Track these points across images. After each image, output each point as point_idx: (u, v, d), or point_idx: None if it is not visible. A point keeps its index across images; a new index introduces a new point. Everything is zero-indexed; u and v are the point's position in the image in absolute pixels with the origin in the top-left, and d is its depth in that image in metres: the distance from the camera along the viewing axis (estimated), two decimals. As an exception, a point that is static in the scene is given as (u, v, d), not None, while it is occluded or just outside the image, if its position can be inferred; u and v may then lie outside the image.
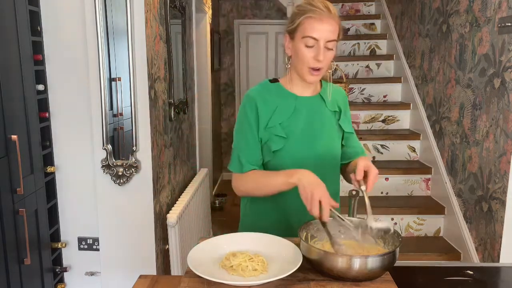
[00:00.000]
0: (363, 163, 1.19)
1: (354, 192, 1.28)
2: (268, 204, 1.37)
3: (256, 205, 1.41)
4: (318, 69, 1.26)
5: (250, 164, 1.32)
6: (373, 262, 0.97)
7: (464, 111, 2.65)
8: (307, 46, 1.23)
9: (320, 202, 1.11)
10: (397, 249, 1.02)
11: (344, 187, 1.36)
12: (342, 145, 1.43)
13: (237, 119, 1.37)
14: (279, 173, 1.25)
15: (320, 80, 1.40)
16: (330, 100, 1.38)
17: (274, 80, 1.39)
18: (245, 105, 1.34)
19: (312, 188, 1.12)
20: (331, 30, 1.23)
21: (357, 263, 0.97)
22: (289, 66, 1.33)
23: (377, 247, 1.13)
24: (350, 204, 1.29)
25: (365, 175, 1.19)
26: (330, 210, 1.12)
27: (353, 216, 1.26)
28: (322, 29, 1.22)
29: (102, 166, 2.11)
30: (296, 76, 1.33)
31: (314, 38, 1.22)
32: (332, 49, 1.25)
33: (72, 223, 2.28)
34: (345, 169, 1.42)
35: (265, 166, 1.36)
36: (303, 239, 1.07)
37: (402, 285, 1.00)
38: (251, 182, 1.31)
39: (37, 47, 2.06)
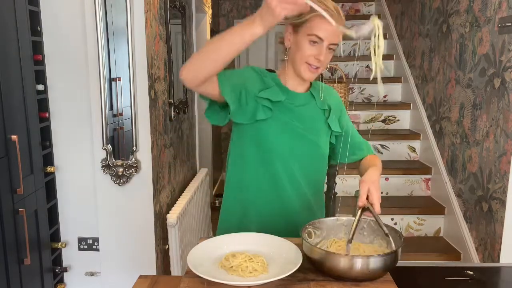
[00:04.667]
0: (364, 189, 1.17)
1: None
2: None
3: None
4: (316, 67, 1.28)
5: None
6: (374, 263, 0.97)
7: (464, 111, 2.65)
8: (311, 43, 1.25)
9: None
10: (399, 250, 1.01)
11: (350, 187, 1.35)
12: (340, 142, 1.45)
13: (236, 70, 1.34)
14: (235, 27, 1.07)
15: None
16: (321, 99, 1.40)
17: (271, 70, 1.39)
18: (246, 69, 1.34)
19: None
20: (337, 34, 1.26)
21: (358, 263, 0.97)
22: (287, 58, 1.33)
23: (381, 247, 1.13)
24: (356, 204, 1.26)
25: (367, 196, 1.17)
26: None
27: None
28: (330, 31, 1.23)
29: (102, 166, 2.11)
30: (292, 71, 1.33)
31: (320, 38, 1.24)
32: (333, 51, 1.28)
33: (72, 223, 2.28)
34: (359, 168, 1.46)
35: (242, 130, 1.32)
36: (305, 238, 1.07)
37: (402, 285, 1.00)
38: (202, 50, 1.11)
39: (37, 47, 2.06)
